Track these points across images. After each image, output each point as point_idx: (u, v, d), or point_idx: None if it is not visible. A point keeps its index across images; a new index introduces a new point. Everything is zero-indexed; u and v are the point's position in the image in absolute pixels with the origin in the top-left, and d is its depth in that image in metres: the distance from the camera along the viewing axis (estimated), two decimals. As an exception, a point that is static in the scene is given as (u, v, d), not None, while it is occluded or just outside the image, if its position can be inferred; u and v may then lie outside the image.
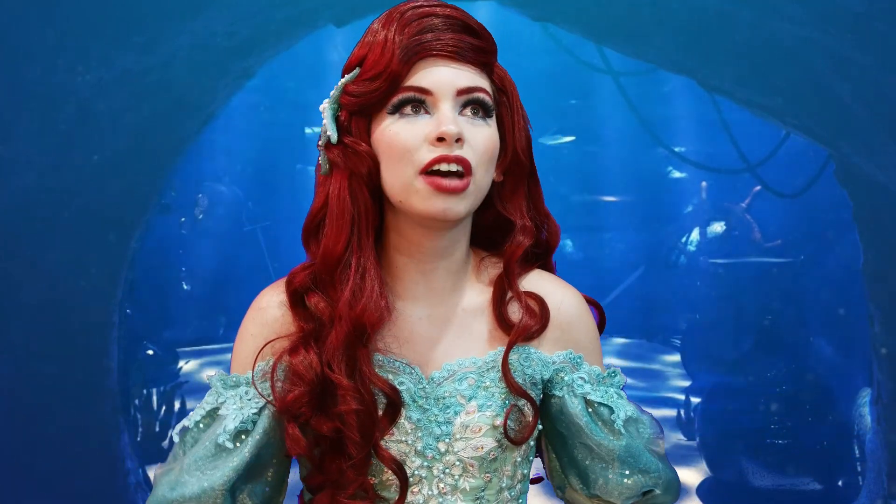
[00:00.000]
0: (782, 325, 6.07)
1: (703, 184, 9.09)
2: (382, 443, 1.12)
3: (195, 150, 5.97)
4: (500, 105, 1.16)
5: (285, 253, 10.22)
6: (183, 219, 9.02)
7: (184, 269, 9.27)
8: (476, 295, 1.21)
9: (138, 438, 5.47)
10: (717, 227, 8.71)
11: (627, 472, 1.18)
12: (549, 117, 9.73)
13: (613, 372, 1.23)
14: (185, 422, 1.16)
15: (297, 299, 1.14)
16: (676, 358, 8.59)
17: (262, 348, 1.14)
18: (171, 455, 1.15)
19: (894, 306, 4.11)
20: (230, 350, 1.24)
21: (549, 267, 1.29)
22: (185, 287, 9.26)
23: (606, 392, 1.20)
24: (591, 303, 1.28)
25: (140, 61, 3.97)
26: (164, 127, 4.24)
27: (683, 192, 9.99)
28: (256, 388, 1.13)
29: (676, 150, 7.62)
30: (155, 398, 5.82)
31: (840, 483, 5.23)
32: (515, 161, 1.18)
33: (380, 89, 1.09)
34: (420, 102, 1.09)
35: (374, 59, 1.10)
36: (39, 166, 3.94)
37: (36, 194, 3.96)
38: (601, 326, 1.28)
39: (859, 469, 5.02)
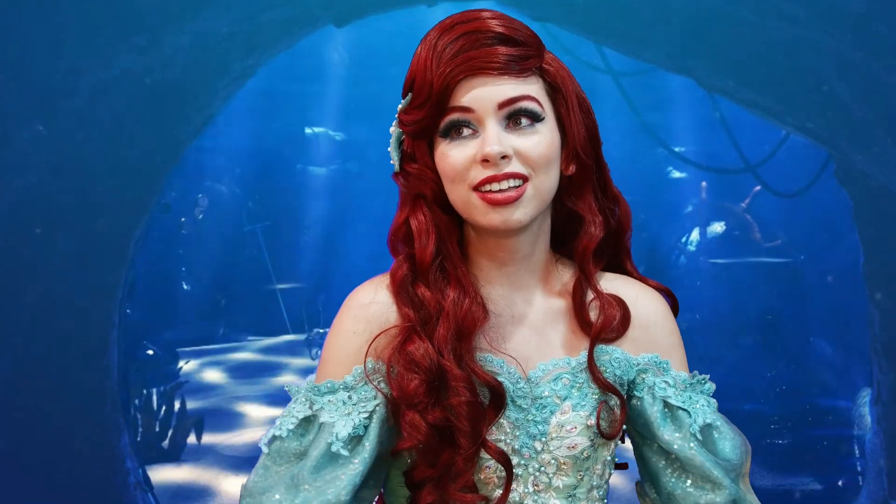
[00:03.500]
0: (782, 325, 6.08)
1: (703, 184, 9.09)
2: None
3: (195, 150, 5.96)
4: (556, 102, 1.16)
5: (285, 253, 10.22)
6: (183, 219, 9.02)
7: (184, 269, 9.28)
8: (559, 295, 1.22)
9: (138, 438, 5.47)
10: (717, 227, 8.71)
11: (693, 482, 1.17)
12: (549, 117, 9.68)
13: (702, 379, 1.22)
14: (273, 431, 1.12)
15: (402, 289, 1.16)
16: (676, 358, 8.57)
17: (371, 343, 1.14)
18: (261, 466, 1.11)
19: (894, 306, 4.11)
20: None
21: (624, 248, 1.28)
22: (185, 287, 9.26)
23: (690, 398, 1.19)
24: (662, 289, 1.28)
25: (140, 61, 3.97)
26: (164, 127, 4.24)
27: (683, 192, 9.99)
28: (371, 382, 1.12)
29: (676, 150, 7.62)
30: (155, 398, 5.82)
31: (840, 483, 5.24)
32: (577, 156, 1.18)
33: (427, 116, 1.11)
34: (466, 122, 1.11)
35: (419, 86, 1.12)
36: (39, 166, 3.94)
37: (36, 194, 3.96)
38: (674, 311, 1.27)
39: (859, 469, 5.02)
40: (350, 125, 10.43)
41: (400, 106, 1.16)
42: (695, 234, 9.21)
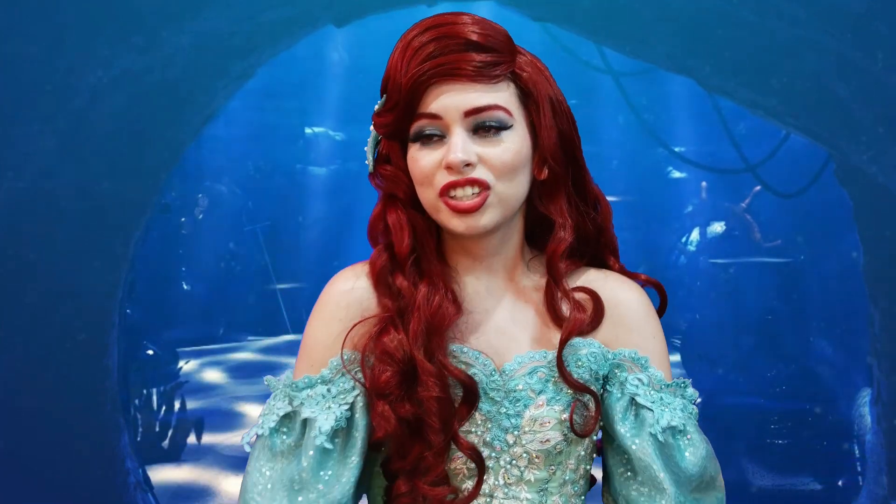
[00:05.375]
0: (782, 325, 6.07)
1: (703, 184, 9.08)
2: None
3: (195, 151, 5.96)
4: (528, 107, 1.16)
5: (285, 253, 10.22)
6: (183, 219, 9.01)
7: (184, 269, 9.27)
8: (533, 290, 1.22)
9: (138, 438, 5.47)
10: (717, 227, 8.70)
11: (637, 481, 1.16)
12: (549, 117, 9.68)
13: (682, 383, 1.19)
14: (255, 430, 1.14)
15: (381, 279, 1.17)
16: (676, 358, 8.58)
17: (348, 332, 1.15)
18: (254, 469, 1.12)
19: (894, 306, 4.11)
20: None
21: (607, 246, 1.27)
22: (185, 287, 9.26)
23: (661, 399, 1.17)
24: (651, 283, 1.27)
25: (140, 61, 3.97)
26: (164, 127, 4.24)
27: (683, 192, 9.98)
28: (349, 372, 1.13)
29: (676, 150, 7.62)
30: (155, 398, 5.82)
31: (840, 483, 5.24)
32: (546, 161, 1.18)
33: (397, 119, 1.13)
34: (434, 129, 1.12)
35: (391, 88, 1.13)
36: (39, 166, 3.94)
37: (36, 194, 3.95)
38: (661, 310, 1.26)
39: (859, 469, 5.02)
40: (350, 125, 10.43)
41: (376, 107, 1.17)
42: (695, 234, 9.20)
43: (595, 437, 1.22)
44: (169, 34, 3.97)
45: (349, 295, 1.18)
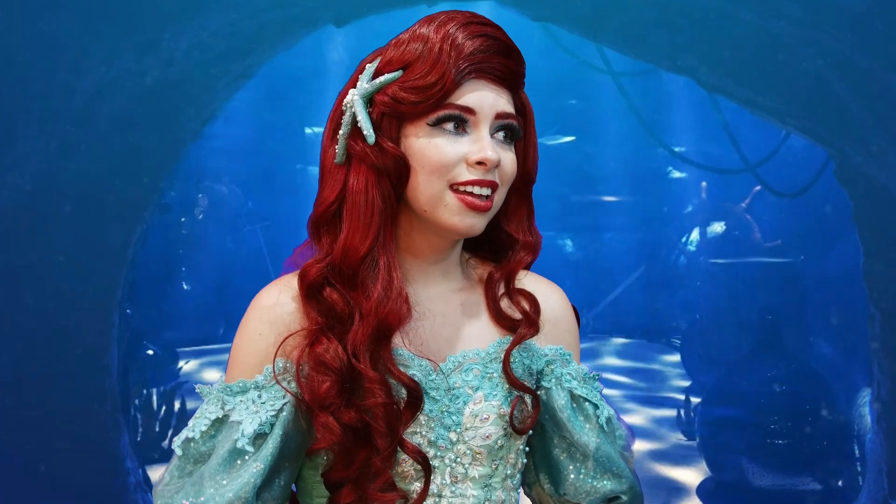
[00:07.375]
0: (782, 325, 6.07)
1: (703, 184, 9.09)
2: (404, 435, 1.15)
3: (195, 150, 5.95)
4: (521, 126, 1.20)
5: (285, 253, 10.19)
6: (183, 219, 9.02)
7: (184, 269, 9.27)
8: (469, 291, 1.26)
9: (138, 438, 5.47)
10: (717, 227, 8.70)
11: (599, 473, 1.23)
12: (550, 117, 9.73)
13: (596, 375, 1.29)
14: (186, 433, 1.13)
15: (311, 293, 1.15)
16: (676, 358, 8.59)
17: (280, 345, 1.14)
18: (174, 468, 1.13)
19: (894, 306, 4.11)
20: (230, 350, 1.23)
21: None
22: (185, 287, 9.26)
23: (591, 391, 1.25)
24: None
25: (140, 61, 3.97)
26: (164, 127, 4.24)
27: (683, 192, 9.99)
28: (280, 384, 1.12)
29: (676, 150, 7.62)
30: (155, 398, 5.82)
31: (840, 483, 5.23)
32: (524, 181, 1.24)
33: (426, 102, 1.11)
34: (462, 120, 1.13)
35: (424, 70, 1.11)
36: (40, 166, 3.94)
37: (36, 194, 3.96)
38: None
39: (859, 469, 5.02)
40: (350, 125, 10.42)
41: (383, 79, 1.14)
42: (695, 234, 9.21)
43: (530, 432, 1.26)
44: (169, 34, 3.98)
45: (272, 311, 1.16)
